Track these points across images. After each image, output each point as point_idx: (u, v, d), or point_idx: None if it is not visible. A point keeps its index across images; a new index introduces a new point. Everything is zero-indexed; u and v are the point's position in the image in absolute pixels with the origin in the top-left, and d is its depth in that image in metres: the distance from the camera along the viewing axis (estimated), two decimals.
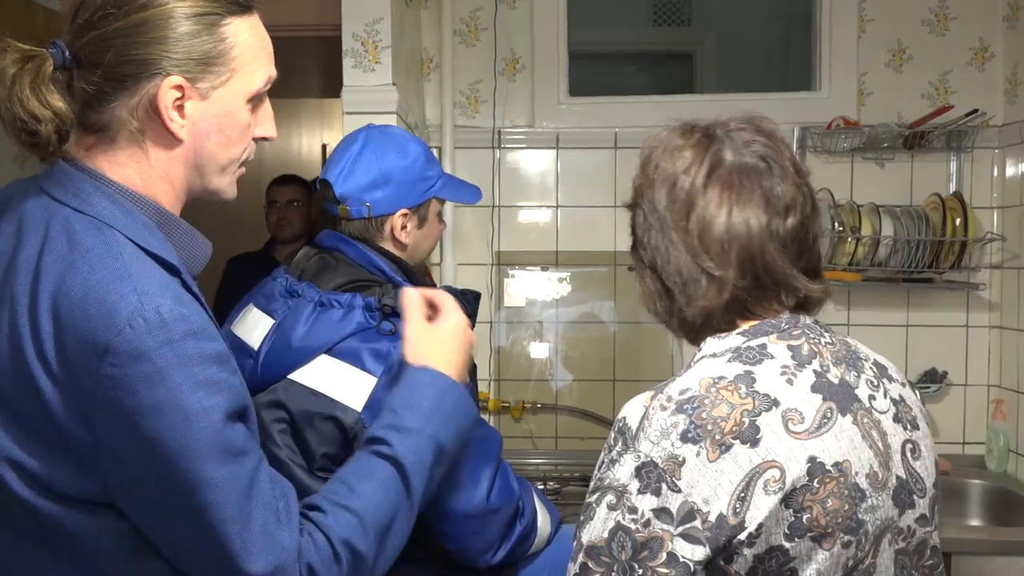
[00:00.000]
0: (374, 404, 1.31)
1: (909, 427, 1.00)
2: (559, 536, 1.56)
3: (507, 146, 2.68)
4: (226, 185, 1.08)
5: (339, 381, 1.34)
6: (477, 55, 2.67)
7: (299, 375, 1.36)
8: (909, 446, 0.99)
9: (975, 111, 2.39)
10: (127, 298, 0.89)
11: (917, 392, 1.24)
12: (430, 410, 1.14)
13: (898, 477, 0.96)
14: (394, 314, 1.38)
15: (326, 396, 1.34)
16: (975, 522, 2.41)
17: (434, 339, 1.24)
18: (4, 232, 0.99)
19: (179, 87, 0.97)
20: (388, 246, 1.52)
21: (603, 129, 2.66)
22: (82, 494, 0.92)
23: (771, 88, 2.83)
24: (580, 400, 2.70)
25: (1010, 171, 2.52)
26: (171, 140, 1.00)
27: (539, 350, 2.71)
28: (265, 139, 1.09)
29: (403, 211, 1.51)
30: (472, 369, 1.53)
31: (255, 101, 1.05)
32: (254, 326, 1.43)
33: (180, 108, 0.98)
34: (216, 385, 0.91)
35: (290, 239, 3.17)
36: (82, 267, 0.91)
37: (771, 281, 0.98)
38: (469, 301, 1.57)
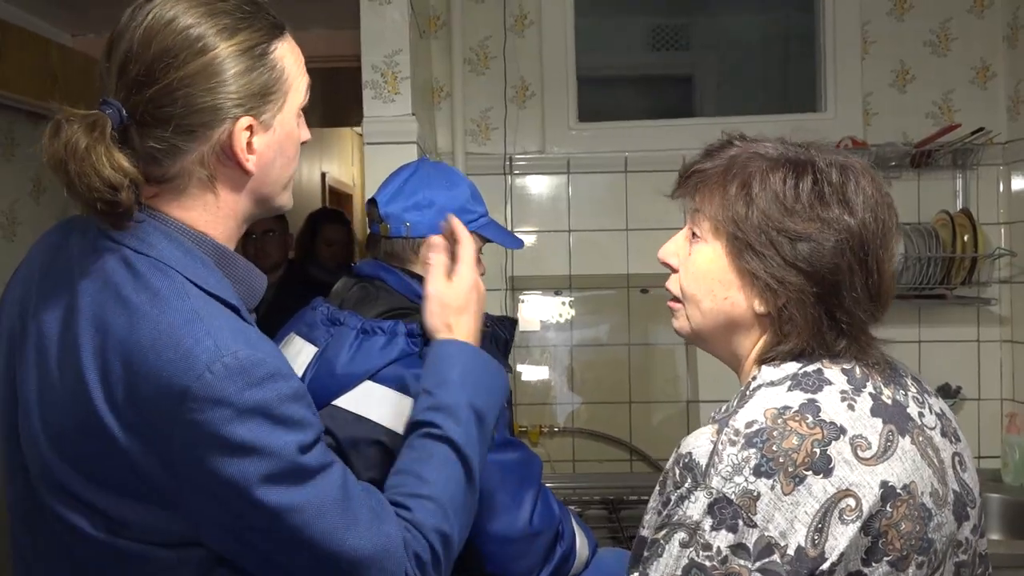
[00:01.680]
0: None
1: (953, 440, 1.01)
2: (596, 560, 1.57)
3: (518, 172, 2.71)
4: (287, 199, 1.09)
5: (384, 406, 1.35)
6: (487, 83, 2.70)
7: (343, 401, 1.37)
8: (957, 459, 1.00)
9: (981, 129, 2.44)
10: (203, 342, 0.87)
11: None
12: (460, 381, 1.15)
13: (954, 491, 0.97)
14: None
15: (371, 421, 1.34)
16: (993, 536, 2.42)
17: (450, 300, 1.25)
18: (64, 275, 0.97)
19: (250, 127, 0.97)
20: (421, 270, 1.54)
21: (613, 153, 2.69)
22: (166, 538, 0.92)
23: (770, 110, 2.87)
24: (596, 422, 2.71)
25: (1015, 187, 2.57)
26: (242, 177, 1.00)
27: (554, 373, 2.72)
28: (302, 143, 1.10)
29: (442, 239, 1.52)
30: (505, 344, 1.57)
31: (301, 113, 1.06)
32: (297, 354, 1.43)
33: (250, 146, 0.99)
34: (297, 422, 0.91)
35: (268, 269, 3.18)
36: (150, 311, 0.89)
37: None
38: (506, 327, 1.58)
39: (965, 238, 2.45)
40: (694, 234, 1.06)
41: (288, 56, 1.02)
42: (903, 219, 2.55)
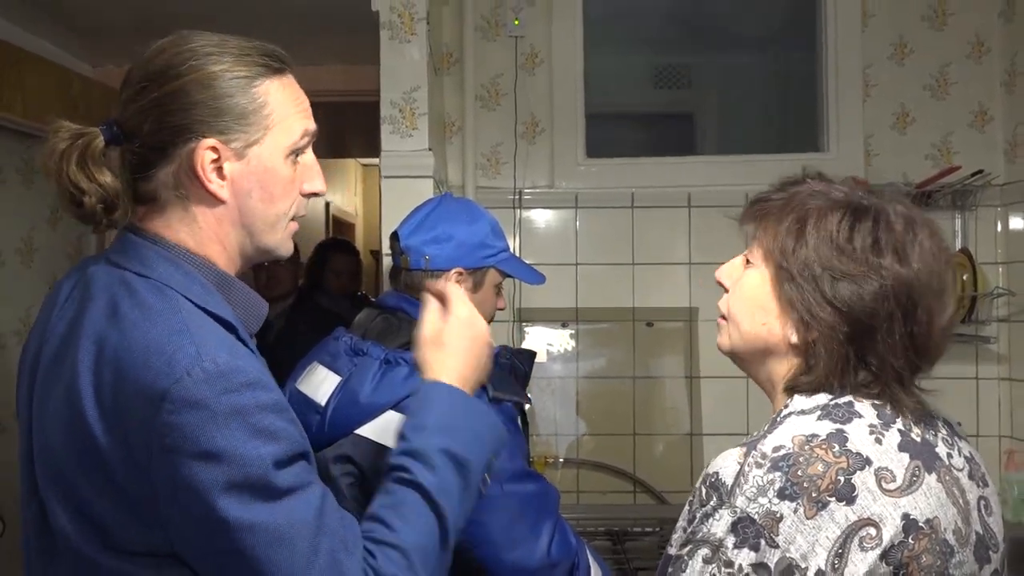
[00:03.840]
0: None
1: (981, 484, 1.03)
2: None
3: (527, 206, 2.76)
4: (278, 241, 1.08)
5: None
6: (498, 119, 2.76)
7: (366, 430, 1.40)
8: (983, 502, 1.02)
9: (980, 171, 2.50)
10: (185, 349, 0.90)
11: None
12: (437, 426, 1.08)
13: (977, 533, 0.98)
14: None
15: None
16: None
17: (440, 341, 1.16)
18: (72, 301, 1.03)
19: (213, 148, 1.00)
20: None
21: (620, 189, 2.75)
22: (146, 547, 0.93)
23: (769, 149, 2.94)
24: (600, 454, 2.73)
25: (1013, 227, 2.63)
26: (213, 201, 1.02)
27: (559, 405, 2.75)
28: (315, 194, 1.11)
29: (458, 270, 1.56)
30: (524, 377, 1.57)
31: (295, 155, 1.06)
32: (320, 383, 1.46)
33: (219, 170, 1.01)
34: (273, 434, 0.92)
35: (279, 297, 3.23)
36: (143, 323, 0.93)
37: None
38: (525, 360, 1.62)
39: (964, 277, 2.50)
40: (748, 260, 1.10)
41: (277, 94, 1.04)
42: None
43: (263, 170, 1.03)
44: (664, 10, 3.31)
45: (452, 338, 1.16)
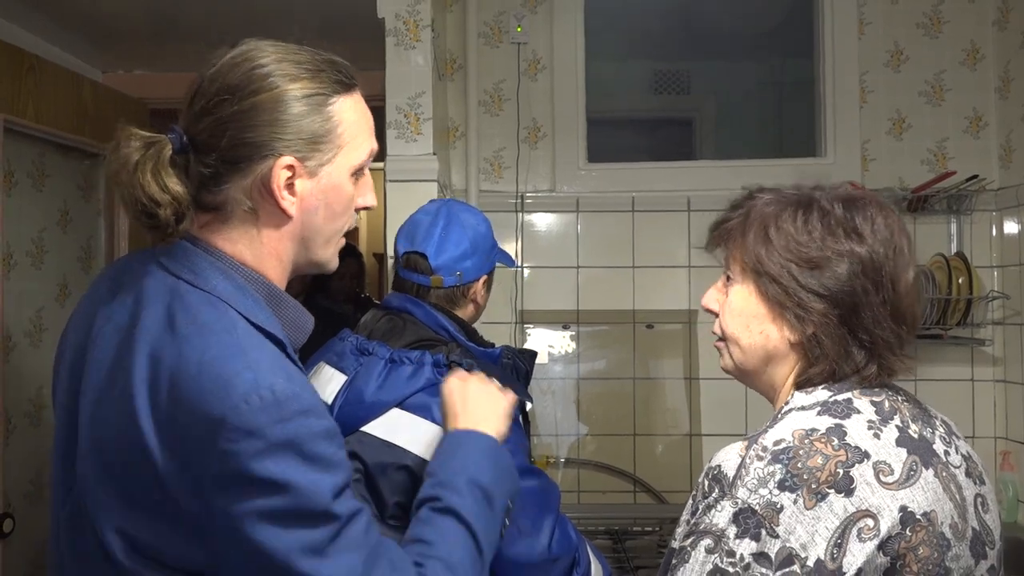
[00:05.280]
0: None
1: (978, 482, 1.05)
2: None
3: (529, 210, 2.80)
4: (330, 256, 1.11)
5: (411, 433, 1.42)
6: (501, 124, 2.80)
7: (372, 428, 1.43)
8: (980, 499, 1.03)
9: (975, 176, 2.54)
10: (242, 375, 0.90)
11: None
12: (463, 462, 1.16)
13: (973, 529, 1.00)
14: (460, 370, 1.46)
15: (399, 447, 1.41)
16: None
17: (462, 394, 1.27)
18: (123, 304, 1.01)
19: (290, 167, 1.00)
20: (469, 309, 1.63)
21: (620, 193, 2.79)
22: (187, 564, 0.93)
23: (766, 154, 2.98)
24: (601, 454, 2.77)
25: (1008, 231, 2.67)
26: (282, 218, 1.03)
27: (560, 405, 2.78)
28: (366, 208, 1.13)
29: (484, 277, 1.62)
30: (526, 375, 1.64)
31: (358, 174, 1.08)
32: (327, 382, 1.50)
33: (291, 187, 1.01)
34: (326, 462, 0.92)
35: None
36: (198, 342, 0.93)
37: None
38: (526, 360, 1.66)
39: (960, 281, 2.54)
40: (728, 278, 1.15)
41: (349, 113, 1.05)
42: None
43: (331, 188, 1.04)
44: (664, 17, 3.36)
45: (474, 395, 1.27)
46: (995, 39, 2.74)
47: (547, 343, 2.79)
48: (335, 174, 1.05)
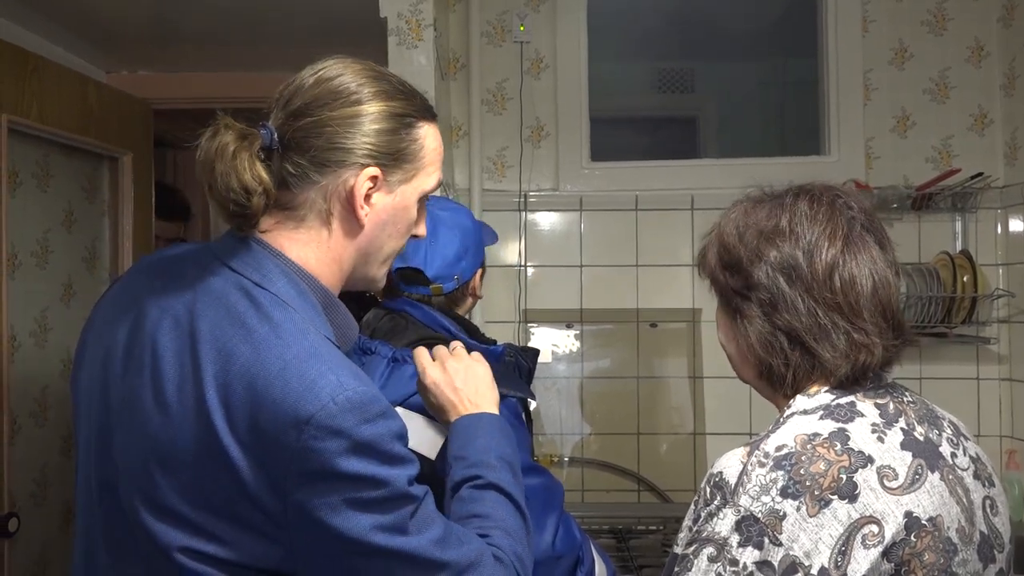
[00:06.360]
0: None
1: (987, 484, 1.03)
2: None
3: (532, 209, 2.80)
4: (382, 275, 1.14)
5: (414, 432, 1.41)
6: (504, 123, 2.80)
7: None
8: (988, 502, 1.02)
9: (980, 174, 2.54)
10: (326, 376, 0.92)
11: None
12: (486, 441, 1.21)
13: (981, 532, 0.99)
14: None
15: None
16: None
17: (451, 383, 1.28)
18: (180, 297, 1.01)
19: (374, 178, 1.03)
20: (468, 304, 1.62)
21: (624, 192, 2.78)
22: (261, 562, 0.94)
23: (769, 152, 2.98)
24: (605, 453, 2.77)
25: (1013, 229, 2.66)
26: (355, 226, 1.05)
27: (564, 404, 2.78)
28: (417, 237, 1.16)
29: (479, 270, 1.62)
30: (529, 373, 1.63)
31: (423, 200, 1.12)
32: None
33: (368, 197, 1.04)
34: (401, 458, 0.96)
35: None
36: (276, 341, 0.94)
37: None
38: (529, 357, 1.66)
39: (965, 279, 2.53)
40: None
41: (431, 140, 1.09)
42: (904, 260, 2.64)
43: (402, 208, 1.08)
44: (667, 16, 3.36)
45: (460, 379, 1.28)
46: (1000, 36, 2.73)
47: (551, 342, 2.79)
48: (408, 195, 1.09)
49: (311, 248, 1.05)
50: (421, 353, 1.33)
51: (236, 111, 1.03)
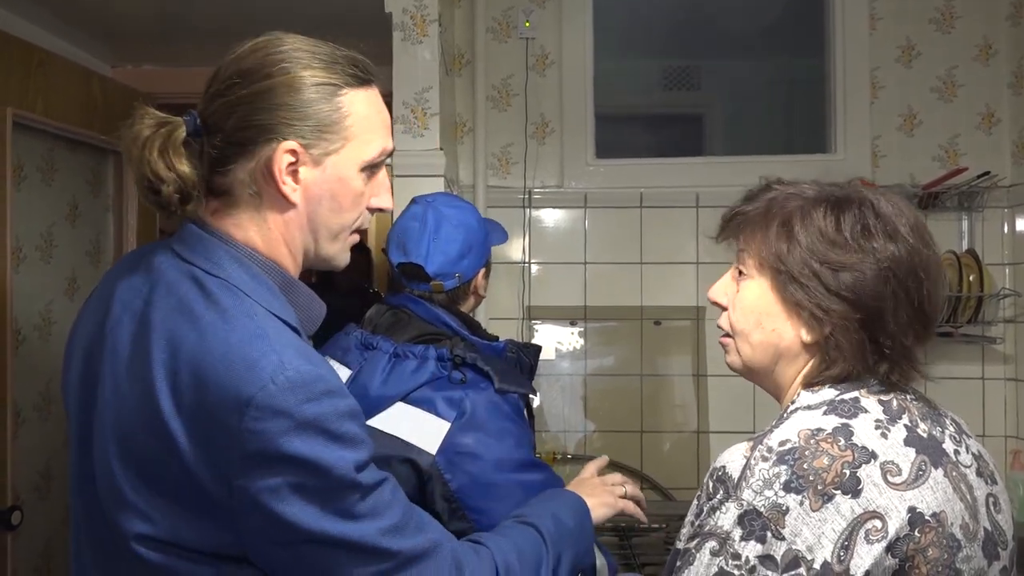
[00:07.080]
0: (448, 448, 1.39)
1: (989, 481, 1.03)
2: None
3: (537, 206, 2.79)
4: (337, 251, 1.11)
5: (415, 426, 1.42)
6: (509, 119, 2.80)
7: (376, 421, 1.43)
8: (991, 499, 1.02)
9: (986, 173, 2.52)
10: (268, 356, 0.91)
11: None
12: (551, 506, 1.30)
13: (985, 529, 0.98)
14: (464, 364, 1.46)
15: (403, 440, 1.41)
16: None
17: (592, 481, 1.49)
18: (135, 288, 1.02)
19: (293, 151, 1.00)
20: (471, 301, 1.62)
21: (628, 189, 2.78)
22: (213, 547, 0.94)
23: (776, 150, 2.96)
24: (608, 451, 2.74)
25: (1020, 229, 2.65)
26: (285, 204, 1.03)
27: (567, 402, 2.78)
28: (380, 209, 1.12)
29: (482, 269, 1.61)
30: (530, 369, 1.69)
31: (369, 171, 1.07)
32: None
33: (294, 173, 1.02)
34: (350, 439, 0.94)
35: None
36: (222, 326, 0.94)
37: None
38: (531, 354, 1.65)
39: (971, 278, 2.52)
40: (740, 272, 1.12)
41: (361, 107, 1.05)
42: None
43: (336, 180, 1.04)
44: (673, 13, 3.34)
45: (598, 489, 1.46)
46: (1008, 34, 2.72)
47: (554, 339, 2.79)
48: (342, 166, 1.05)
49: (253, 231, 1.04)
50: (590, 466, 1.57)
51: None
